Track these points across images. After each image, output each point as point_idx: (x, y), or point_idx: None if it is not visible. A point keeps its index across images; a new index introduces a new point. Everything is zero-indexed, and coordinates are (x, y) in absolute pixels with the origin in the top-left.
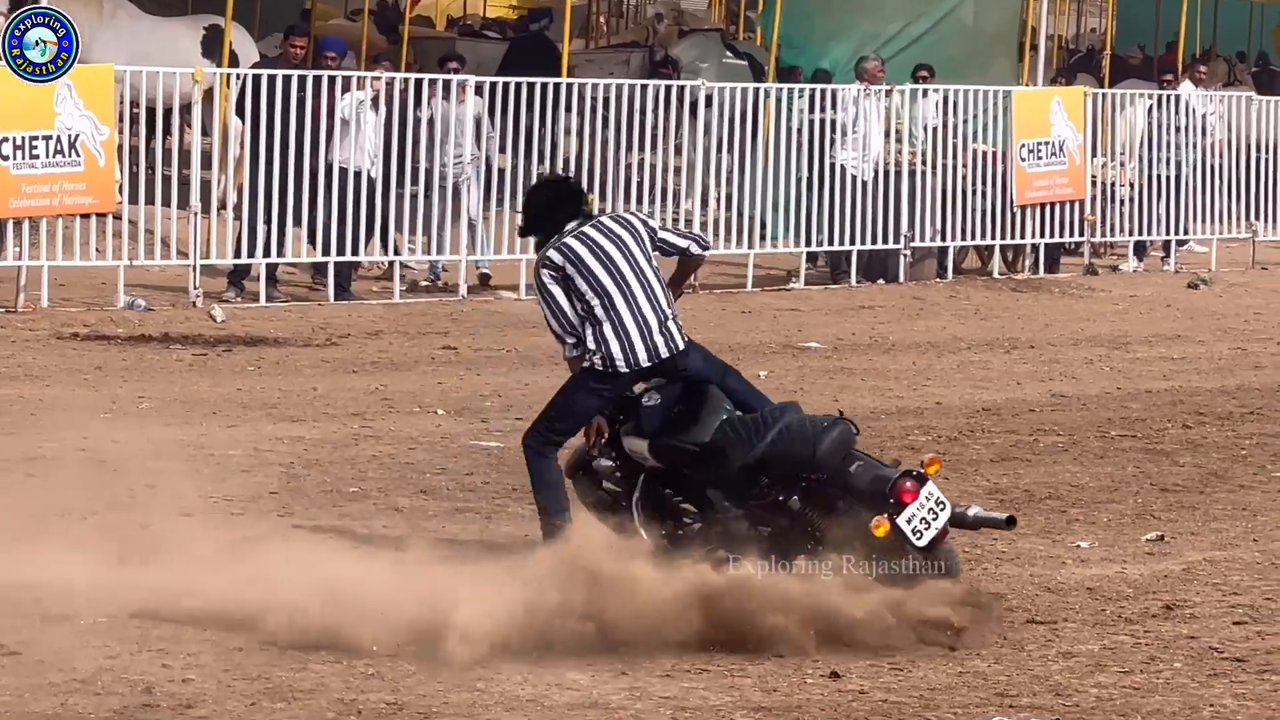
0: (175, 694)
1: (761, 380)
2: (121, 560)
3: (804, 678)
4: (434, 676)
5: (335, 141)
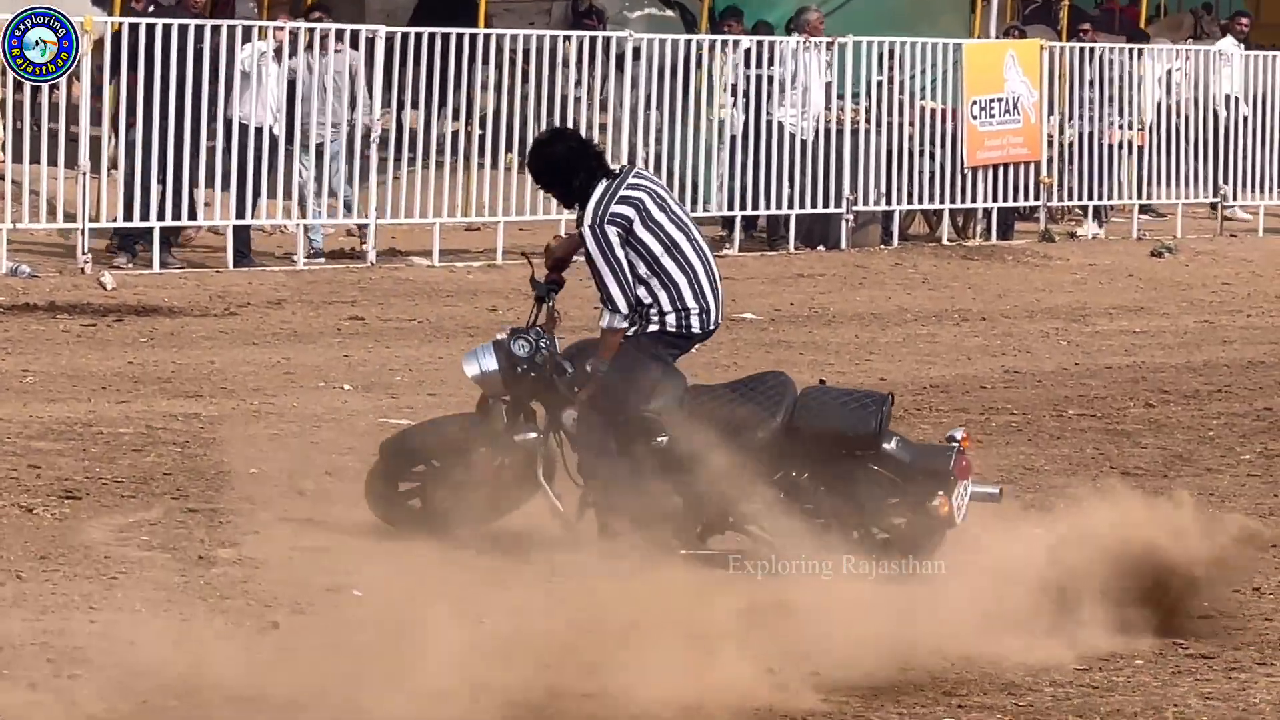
0: (61, 690)
1: (693, 354)
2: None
3: (740, 671)
4: None
5: (235, 96)
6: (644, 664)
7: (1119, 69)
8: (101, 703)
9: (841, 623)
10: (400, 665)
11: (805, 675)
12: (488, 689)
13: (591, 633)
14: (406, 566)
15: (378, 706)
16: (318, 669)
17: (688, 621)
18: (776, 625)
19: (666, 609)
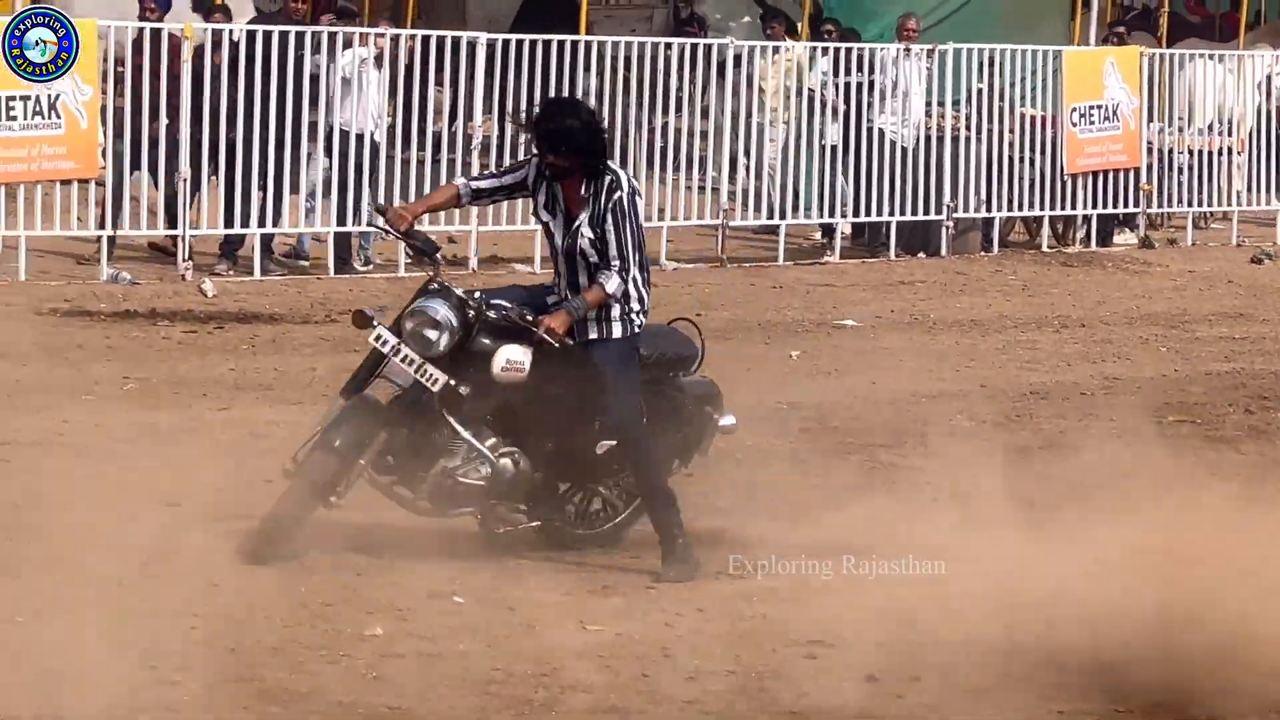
0: (162, 698)
1: (794, 360)
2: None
3: (839, 680)
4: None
5: (336, 102)
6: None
7: (1215, 75)
8: (204, 711)
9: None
10: (496, 673)
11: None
12: (577, 691)
13: (689, 638)
14: (507, 572)
15: (477, 717)
16: (418, 676)
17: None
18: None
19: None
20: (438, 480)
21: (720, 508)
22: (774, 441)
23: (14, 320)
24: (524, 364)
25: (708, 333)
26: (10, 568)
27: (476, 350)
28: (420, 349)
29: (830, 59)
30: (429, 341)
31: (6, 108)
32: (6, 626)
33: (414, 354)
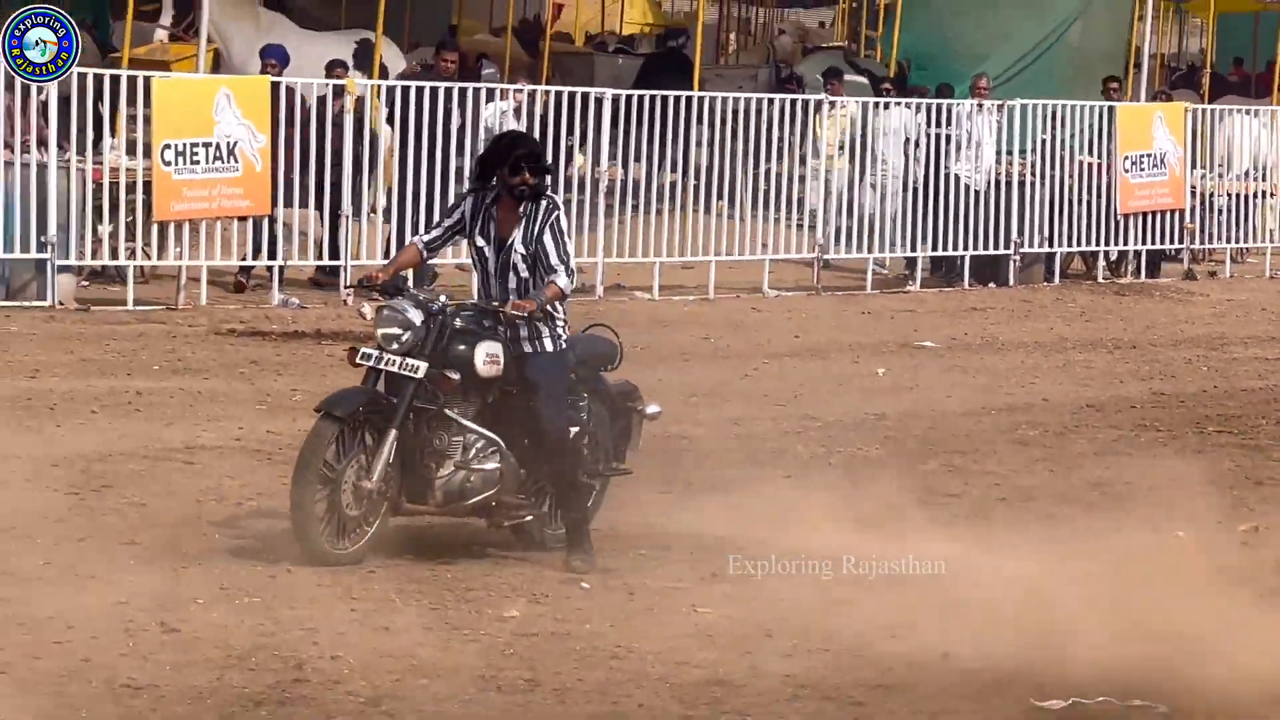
0: (324, 670)
1: (880, 377)
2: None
3: (917, 659)
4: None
5: (480, 148)
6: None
7: (1251, 128)
8: (362, 682)
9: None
10: (619, 649)
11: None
12: (689, 667)
13: (787, 621)
14: (628, 561)
15: (602, 689)
16: (549, 652)
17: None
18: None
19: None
20: (449, 477)
21: (816, 505)
22: (863, 448)
23: (196, 340)
24: (500, 356)
25: (804, 352)
26: (203, 555)
27: (454, 355)
28: (393, 348)
29: (923, 114)
30: (396, 336)
31: (190, 153)
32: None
33: (391, 354)
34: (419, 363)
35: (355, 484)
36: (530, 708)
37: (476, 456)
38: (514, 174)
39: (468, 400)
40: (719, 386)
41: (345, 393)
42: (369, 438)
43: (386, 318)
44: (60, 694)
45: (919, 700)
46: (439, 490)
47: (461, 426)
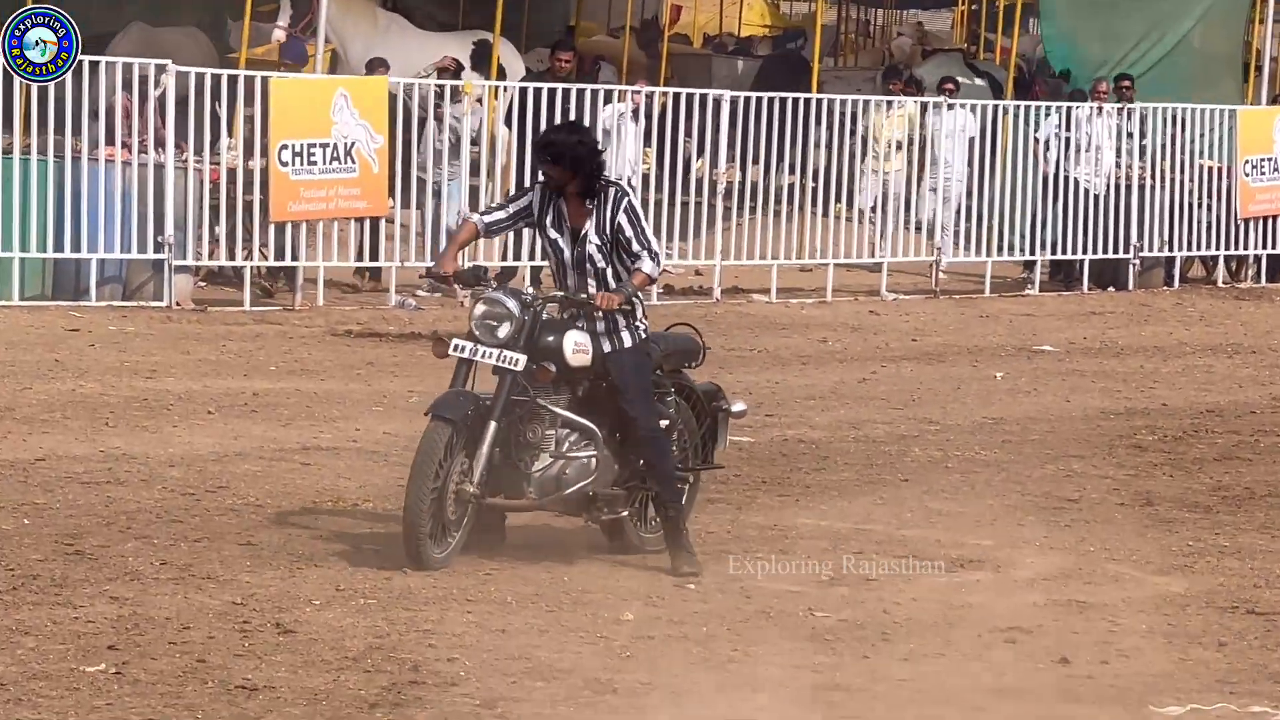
0: (441, 672)
1: (998, 381)
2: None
3: (1035, 663)
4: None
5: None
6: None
7: None
8: (479, 685)
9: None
10: (735, 653)
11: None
12: (806, 670)
13: (904, 625)
14: (744, 565)
15: (714, 693)
16: (666, 655)
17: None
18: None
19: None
20: (544, 469)
21: (933, 509)
22: (981, 452)
23: (313, 341)
24: (589, 346)
25: (922, 356)
26: (319, 556)
27: (543, 346)
28: (491, 339)
29: (1057, 117)
30: (494, 328)
31: (308, 154)
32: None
33: (489, 347)
34: (518, 355)
35: (457, 487)
36: (647, 711)
37: (571, 447)
38: (541, 161)
39: (558, 393)
40: (836, 389)
41: (453, 395)
42: (469, 439)
43: (485, 310)
44: (176, 695)
45: (1037, 705)
46: (534, 484)
47: (554, 417)
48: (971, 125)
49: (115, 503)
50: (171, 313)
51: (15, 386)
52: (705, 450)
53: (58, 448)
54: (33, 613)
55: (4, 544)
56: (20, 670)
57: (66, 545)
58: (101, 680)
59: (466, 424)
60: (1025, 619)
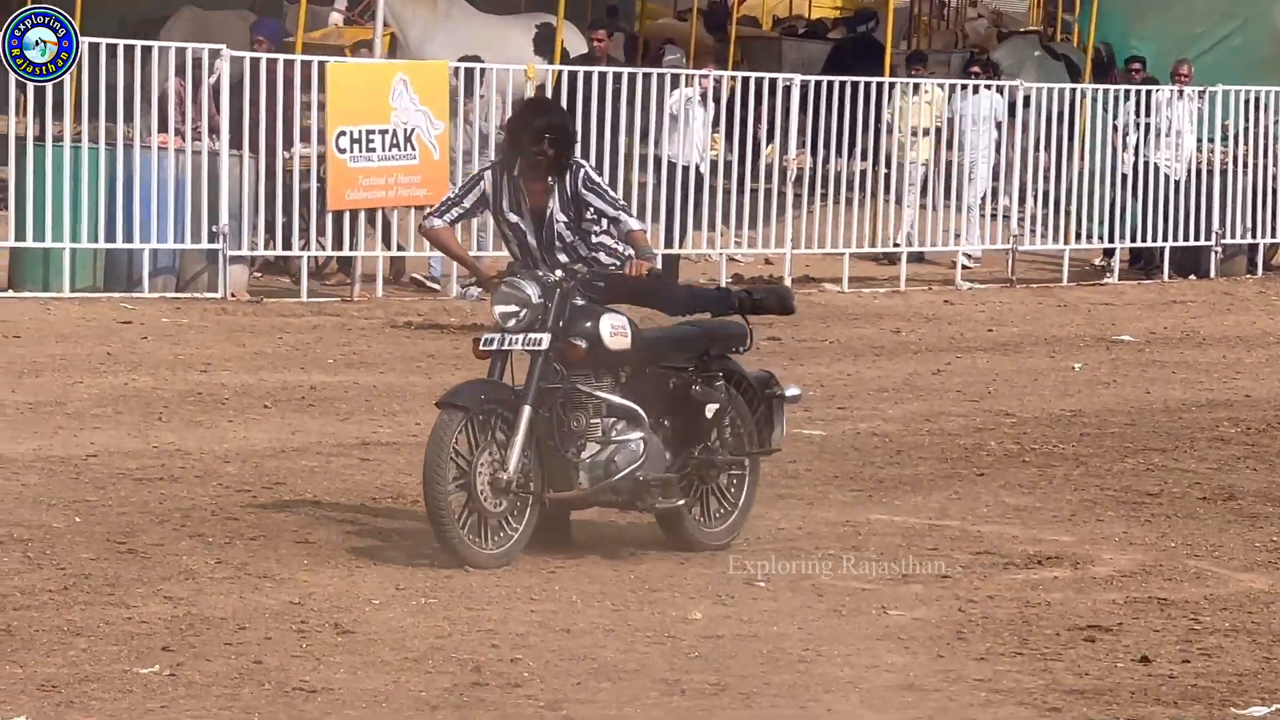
0: (504, 673)
1: (1076, 372)
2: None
3: (1115, 662)
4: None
5: (664, 136)
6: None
7: None
8: (542, 686)
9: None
10: (807, 652)
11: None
12: (879, 670)
13: (980, 623)
14: (814, 562)
15: (789, 693)
16: (736, 655)
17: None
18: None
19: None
20: (592, 457)
21: (1009, 504)
22: (1059, 446)
23: (372, 333)
24: (627, 327)
25: (998, 347)
26: (379, 554)
27: (578, 331)
28: (514, 326)
29: (1134, 102)
30: (515, 314)
31: (366, 141)
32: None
33: (513, 334)
34: (541, 335)
35: (491, 476)
36: (715, 712)
37: (618, 432)
38: (534, 143)
39: (600, 380)
40: (910, 381)
41: (467, 384)
42: (500, 430)
43: (502, 296)
44: (233, 697)
45: (1116, 706)
46: (584, 473)
47: (599, 404)
48: (1000, 109)
49: (169, 500)
50: (226, 304)
51: (66, 380)
52: (761, 437)
53: (110, 443)
54: (85, 613)
55: (55, 542)
56: (72, 672)
57: (119, 544)
58: (155, 682)
59: (492, 411)
60: (1104, 617)
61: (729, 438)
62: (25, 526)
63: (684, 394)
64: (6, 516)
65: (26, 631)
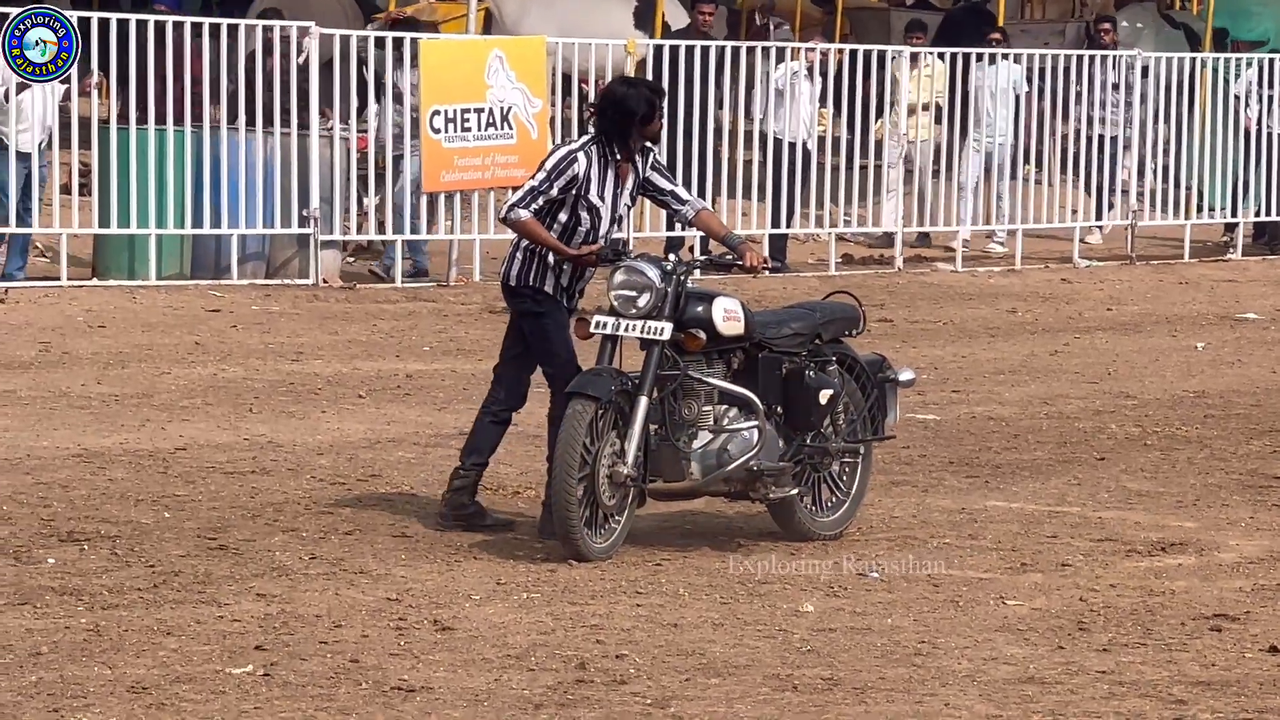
0: (609, 669)
1: (1199, 352)
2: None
3: (1242, 652)
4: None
5: (770, 111)
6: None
7: None
8: (649, 682)
9: None
10: (923, 645)
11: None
12: (997, 663)
13: (1102, 613)
14: (928, 553)
15: (905, 688)
16: (849, 649)
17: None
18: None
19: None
20: (704, 447)
21: (1131, 489)
22: (1182, 428)
23: (469, 318)
24: (739, 312)
25: (1118, 326)
26: (478, 548)
27: (692, 316)
28: (631, 311)
29: (1256, 70)
30: (634, 299)
31: (461, 120)
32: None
33: (631, 320)
34: (663, 324)
35: (610, 470)
36: (828, 708)
37: (731, 421)
38: (653, 125)
39: (711, 366)
40: (1027, 363)
41: (595, 372)
42: (619, 419)
43: (622, 280)
44: (328, 697)
45: (1244, 698)
46: (695, 462)
47: (710, 391)
48: (1020, 80)
49: (261, 494)
50: (318, 291)
51: (153, 371)
52: (875, 423)
53: (199, 436)
54: (175, 612)
55: (144, 539)
56: (163, 673)
57: (209, 540)
58: (249, 683)
59: (613, 402)
60: (1231, 605)
61: (842, 424)
62: (113, 523)
63: (797, 380)
64: (93, 512)
65: (115, 632)
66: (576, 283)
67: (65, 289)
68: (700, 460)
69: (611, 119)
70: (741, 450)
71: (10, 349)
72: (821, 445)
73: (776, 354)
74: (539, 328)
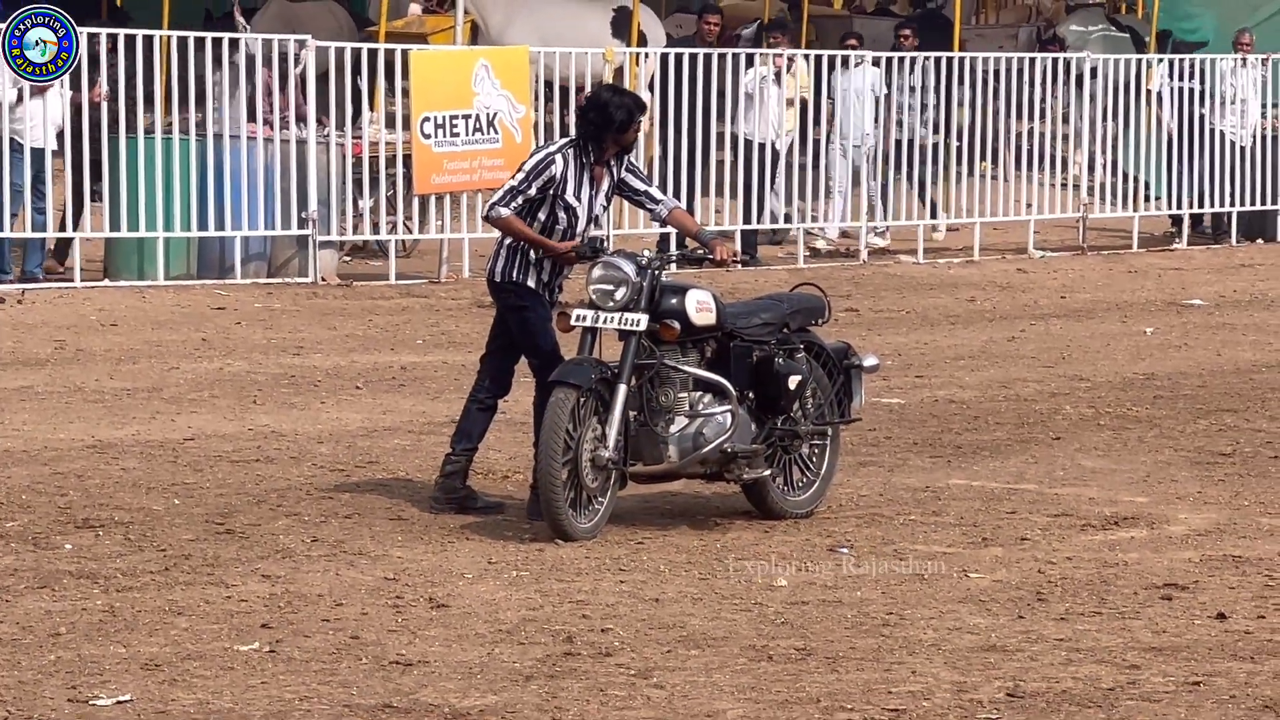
0: (595, 643)
1: (1148, 336)
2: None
3: (1191, 619)
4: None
5: (740, 114)
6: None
7: None
8: (633, 654)
9: None
10: (890, 616)
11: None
12: (961, 633)
13: (1059, 584)
14: (895, 529)
15: (874, 657)
16: (821, 621)
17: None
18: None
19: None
20: (681, 430)
21: (1086, 467)
22: (1133, 409)
23: (459, 313)
24: (711, 303)
25: (1071, 313)
26: (470, 529)
27: (666, 307)
28: (609, 304)
29: (1167, 67)
30: (611, 292)
31: (450, 125)
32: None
33: (609, 312)
34: (639, 315)
35: (593, 454)
36: (802, 676)
37: (706, 406)
38: (630, 130)
39: (686, 354)
40: (986, 348)
41: (576, 362)
42: (599, 406)
43: (600, 275)
44: (330, 672)
45: (1193, 662)
46: (673, 446)
47: (686, 378)
48: (878, 84)
49: (265, 480)
50: (317, 288)
51: (163, 366)
52: (842, 406)
53: (206, 427)
54: (185, 593)
55: (155, 524)
56: (174, 651)
57: (217, 524)
58: (255, 659)
59: (593, 390)
60: (1181, 575)
61: (811, 408)
62: (126, 510)
63: (767, 367)
64: (107, 500)
65: (129, 612)
66: (557, 278)
67: (79, 290)
68: (677, 444)
69: (592, 122)
70: (716, 434)
71: (27, 347)
72: (792, 428)
73: (747, 343)
74: (523, 321)
